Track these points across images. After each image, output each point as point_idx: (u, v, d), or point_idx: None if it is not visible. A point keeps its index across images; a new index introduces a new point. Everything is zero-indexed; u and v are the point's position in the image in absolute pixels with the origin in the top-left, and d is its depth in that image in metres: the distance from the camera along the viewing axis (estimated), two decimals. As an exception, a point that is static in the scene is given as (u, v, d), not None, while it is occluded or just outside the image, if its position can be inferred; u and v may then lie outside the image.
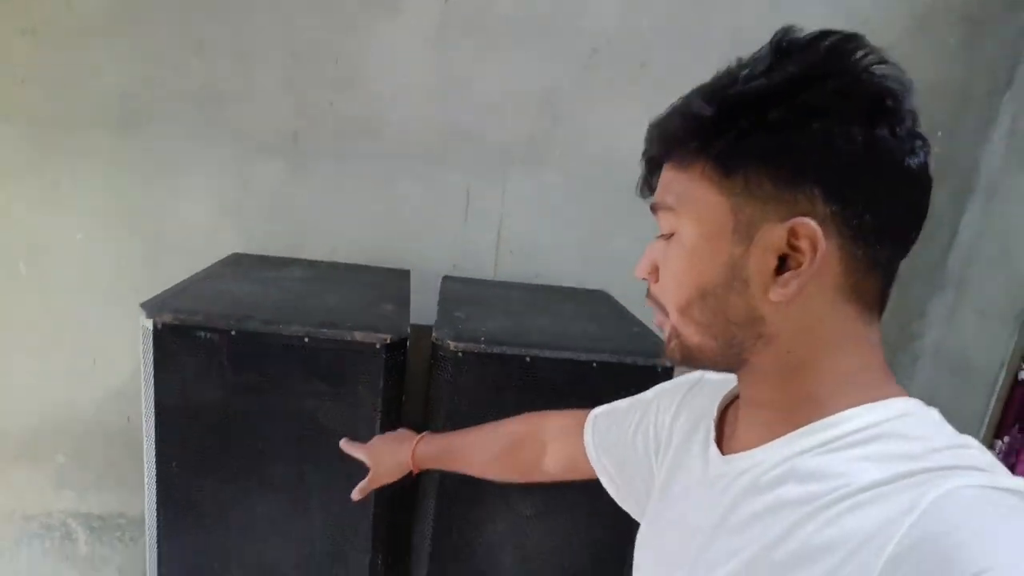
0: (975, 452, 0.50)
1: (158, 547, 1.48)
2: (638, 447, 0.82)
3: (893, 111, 0.52)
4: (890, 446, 0.51)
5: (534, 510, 1.56)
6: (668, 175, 0.60)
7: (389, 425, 1.46)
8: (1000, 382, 1.93)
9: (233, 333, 1.38)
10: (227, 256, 1.88)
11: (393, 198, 2.02)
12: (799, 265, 0.53)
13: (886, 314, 0.58)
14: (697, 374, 0.76)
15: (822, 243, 0.52)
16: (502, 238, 2.10)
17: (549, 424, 1.04)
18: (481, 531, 1.55)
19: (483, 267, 2.10)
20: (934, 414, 0.54)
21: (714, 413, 0.70)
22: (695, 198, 0.57)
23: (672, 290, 0.60)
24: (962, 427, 0.54)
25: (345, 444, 1.20)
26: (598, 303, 1.89)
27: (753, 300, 0.55)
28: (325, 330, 1.40)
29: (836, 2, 1.99)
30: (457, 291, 1.83)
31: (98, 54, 1.85)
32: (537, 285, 2.04)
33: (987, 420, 1.96)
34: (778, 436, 0.58)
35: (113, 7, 1.82)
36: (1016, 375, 1.86)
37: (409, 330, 1.47)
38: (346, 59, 1.90)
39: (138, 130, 1.90)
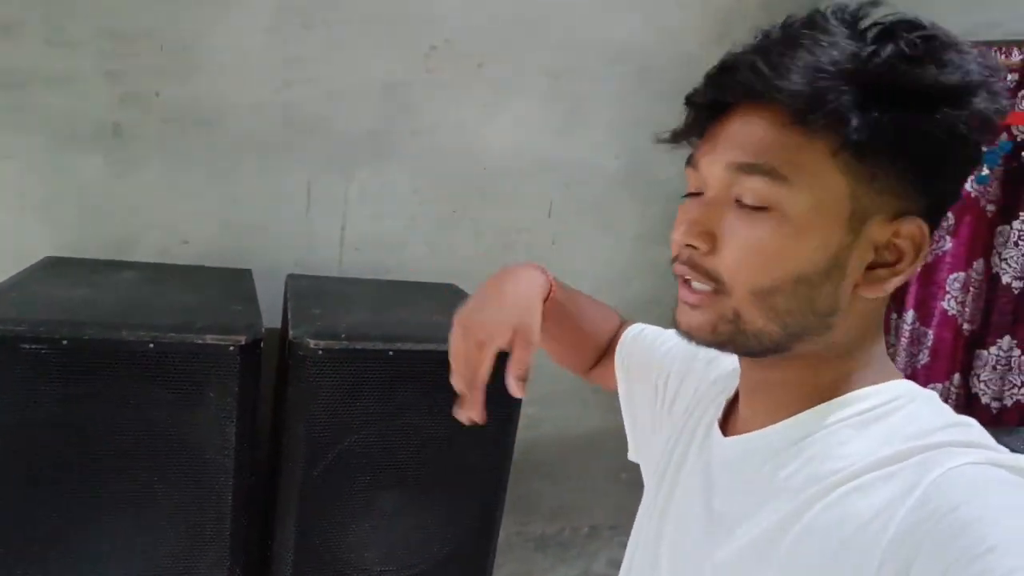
0: (975, 431, 0.50)
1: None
2: (652, 381, 0.81)
3: (994, 132, 0.52)
4: (893, 426, 0.51)
5: (396, 506, 1.57)
6: (772, 133, 0.51)
7: (244, 432, 1.40)
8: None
9: (65, 343, 1.26)
10: (40, 261, 1.69)
11: (229, 194, 1.92)
12: (893, 261, 0.52)
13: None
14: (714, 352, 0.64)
15: (927, 247, 0.51)
16: (347, 234, 2.07)
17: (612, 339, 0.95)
18: (345, 532, 1.53)
19: (328, 264, 2.06)
20: (933, 395, 0.54)
21: (729, 393, 0.67)
22: (817, 174, 0.50)
23: (753, 269, 0.53)
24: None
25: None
26: (449, 295, 1.93)
27: (841, 292, 0.52)
28: (173, 334, 1.32)
29: (665, 18, 2.17)
30: (305, 288, 1.79)
31: None
32: (386, 280, 2.03)
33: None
34: (783, 418, 0.57)
35: None
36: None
37: (264, 330, 1.42)
38: (173, 46, 1.78)
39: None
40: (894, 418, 0.52)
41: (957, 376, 2.07)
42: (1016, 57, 1.87)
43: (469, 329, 0.77)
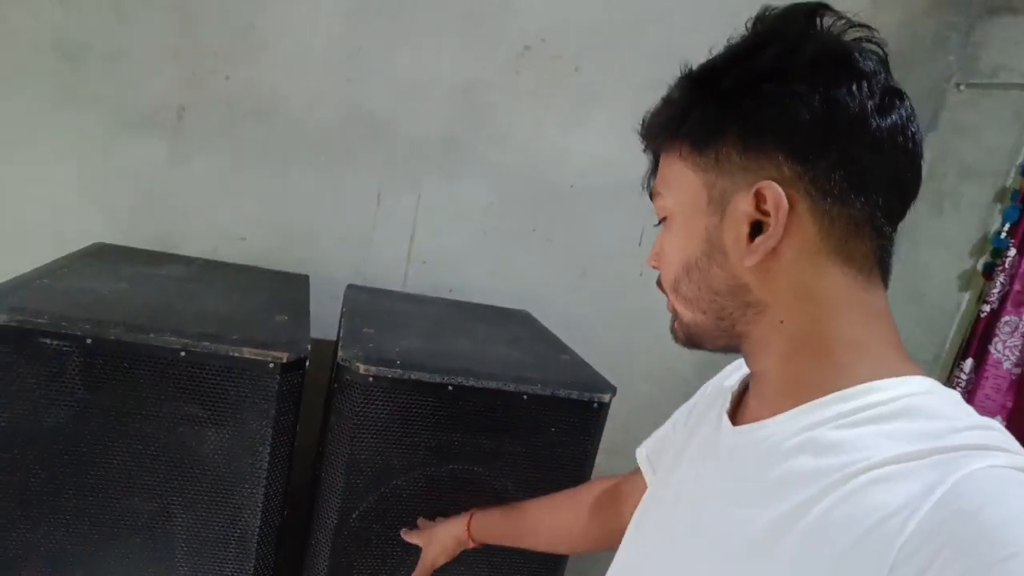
0: (998, 433, 0.49)
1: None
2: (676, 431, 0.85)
3: (849, 70, 0.53)
4: (913, 423, 0.50)
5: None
6: (661, 164, 0.64)
7: (279, 461, 1.23)
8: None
9: (89, 341, 1.11)
10: (88, 247, 1.57)
11: (293, 193, 1.77)
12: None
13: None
14: (735, 363, 0.77)
15: (784, 203, 0.54)
16: (415, 246, 1.89)
17: (609, 480, 1.05)
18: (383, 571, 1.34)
19: (391, 277, 1.88)
20: (955, 394, 0.54)
21: (735, 387, 0.70)
22: (675, 179, 0.61)
23: (665, 270, 0.64)
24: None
25: (404, 534, 1.25)
26: (521, 324, 1.73)
27: (733, 269, 0.58)
28: (207, 343, 1.16)
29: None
30: (364, 303, 1.61)
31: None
32: (452, 301, 1.85)
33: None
34: (790, 408, 0.57)
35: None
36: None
37: (310, 348, 1.25)
38: (243, 29, 1.64)
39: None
40: (913, 415, 0.51)
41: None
42: None
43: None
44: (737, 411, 0.67)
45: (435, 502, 1.32)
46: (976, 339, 1.92)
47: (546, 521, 1.08)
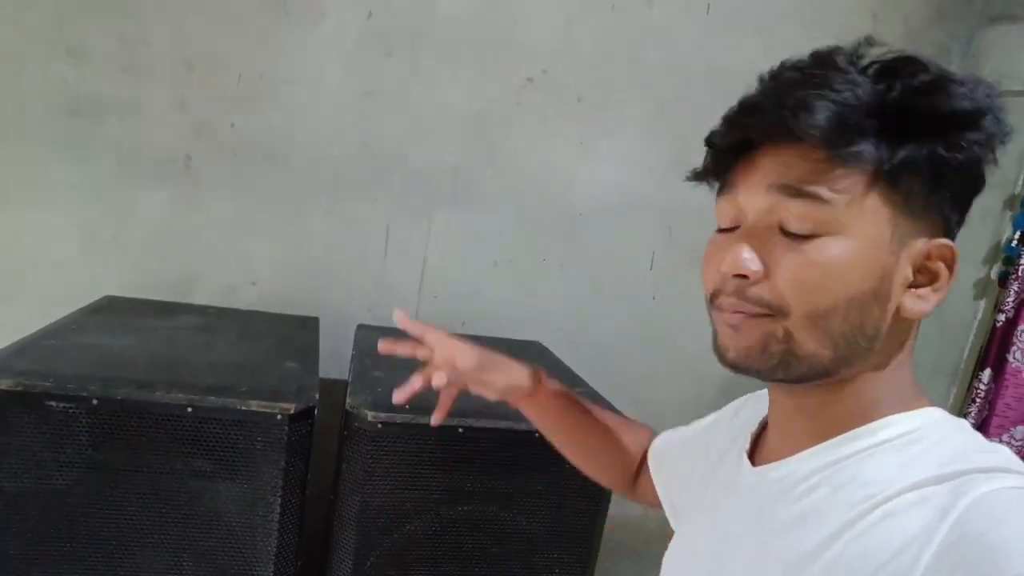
0: (1008, 457, 0.50)
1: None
2: (693, 460, 0.80)
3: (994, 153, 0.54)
4: (925, 452, 0.51)
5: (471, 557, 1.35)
6: (807, 163, 0.53)
7: (290, 511, 1.22)
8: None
9: (95, 402, 1.11)
10: (97, 300, 1.58)
11: (301, 234, 1.78)
12: (927, 282, 0.54)
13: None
14: (746, 396, 0.75)
15: (958, 264, 0.54)
16: (425, 280, 1.88)
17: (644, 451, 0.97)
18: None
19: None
20: (964, 423, 0.55)
21: (754, 426, 0.69)
22: (860, 200, 0.53)
23: (810, 293, 0.54)
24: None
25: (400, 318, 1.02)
26: (533, 358, 1.70)
27: (888, 315, 0.54)
28: (213, 397, 1.15)
29: (769, 38, 1.91)
30: (374, 343, 1.59)
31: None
32: (464, 335, 1.83)
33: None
34: (812, 444, 0.57)
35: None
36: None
37: (318, 396, 1.24)
38: (251, 74, 1.66)
39: (-9, 145, 1.59)
40: (927, 444, 0.52)
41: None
42: None
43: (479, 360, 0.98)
44: (756, 450, 0.67)
45: (450, 544, 1.29)
46: (994, 349, 1.88)
47: (583, 438, 1.01)
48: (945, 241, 0.54)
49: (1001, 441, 1.90)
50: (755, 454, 0.66)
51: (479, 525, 1.31)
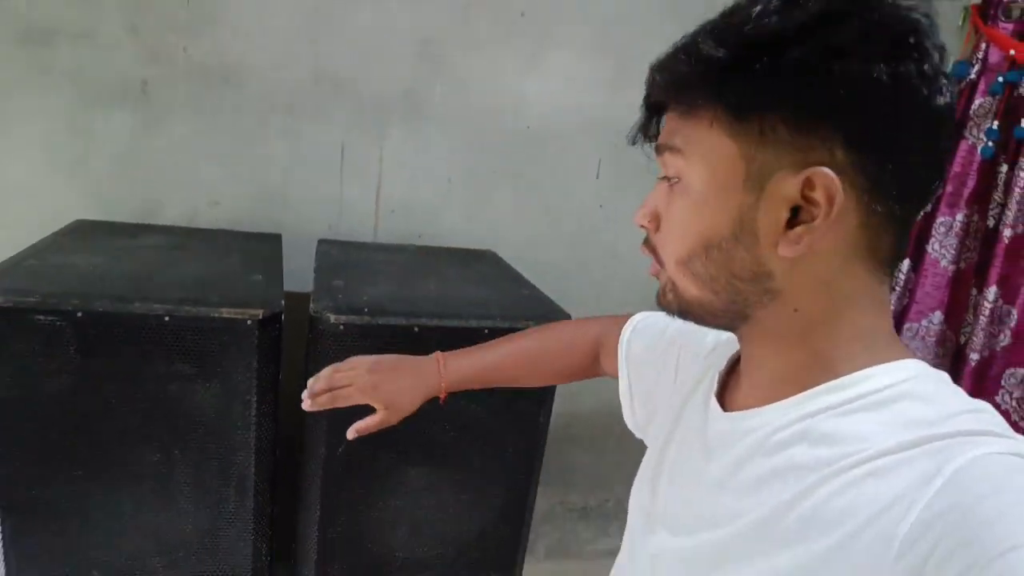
0: (991, 416, 0.48)
1: (4, 555, 1.32)
2: (662, 375, 0.79)
3: (919, 47, 0.48)
4: (908, 410, 0.49)
5: (424, 484, 1.51)
6: (674, 119, 0.56)
7: (265, 407, 1.35)
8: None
9: (79, 315, 1.22)
10: (69, 224, 1.66)
11: (260, 155, 1.86)
12: (812, 218, 0.50)
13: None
14: (726, 334, 0.69)
15: (840, 195, 0.48)
16: (382, 196, 1.98)
17: (597, 328, 0.99)
18: (371, 510, 1.48)
19: (362, 230, 1.98)
20: (944, 376, 0.53)
21: (721, 366, 0.67)
22: (704, 143, 0.53)
23: (673, 241, 0.56)
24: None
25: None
26: (486, 264, 1.83)
27: (761, 255, 0.52)
28: (188, 307, 1.27)
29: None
30: (334, 256, 1.72)
31: None
32: (420, 247, 1.95)
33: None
34: (785, 396, 0.55)
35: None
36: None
37: (283, 302, 1.36)
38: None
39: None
40: (907, 401, 0.50)
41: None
42: None
43: (373, 373, 0.96)
44: (725, 392, 0.65)
45: (417, 430, 1.43)
46: (912, 240, 2.03)
47: (524, 378, 1.04)
48: (819, 168, 0.48)
49: (919, 326, 2.08)
50: (724, 396, 0.64)
51: (439, 412, 1.45)
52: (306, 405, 0.94)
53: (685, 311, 0.59)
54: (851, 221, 0.50)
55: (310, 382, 0.95)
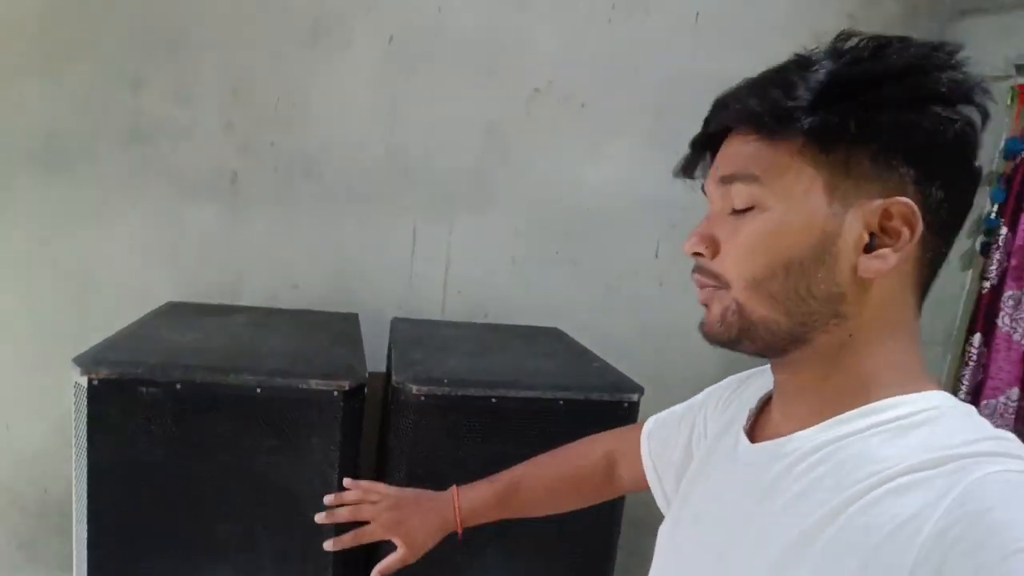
0: (1012, 443, 0.50)
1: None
2: (692, 439, 0.80)
3: (982, 105, 0.54)
4: (932, 435, 0.51)
5: (496, 565, 1.50)
6: (747, 147, 0.58)
7: (347, 476, 1.37)
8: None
9: (178, 386, 1.29)
10: (161, 306, 1.76)
11: (336, 240, 1.96)
12: (887, 246, 0.53)
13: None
14: (745, 373, 0.73)
15: (920, 222, 0.52)
16: (449, 277, 2.06)
17: (607, 441, 0.99)
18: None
19: (431, 308, 2.05)
20: (972, 409, 0.54)
21: (753, 403, 0.69)
22: (790, 172, 0.55)
23: (744, 262, 0.57)
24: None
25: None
26: (553, 340, 1.87)
27: (839, 276, 0.55)
28: (279, 379, 1.32)
29: (757, 49, 2.07)
30: (408, 333, 1.78)
31: (24, 92, 1.73)
32: (488, 324, 2.00)
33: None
34: (820, 421, 0.57)
35: (44, 45, 1.72)
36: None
37: (368, 375, 1.41)
38: (288, 97, 1.85)
39: (64, 172, 1.78)
40: (932, 427, 0.52)
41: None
42: None
43: (393, 510, 0.95)
44: (755, 427, 0.67)
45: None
46: (981, 314, 2.02)
47: (542, 502, 1.01)
48: (901, 199, 0.52)
49: (997, 403, 2.04)
50: (755, 431, 0.66)
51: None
52: (328, 545, 0.95)
53: (743, 335, 0.58)
54: (914, 253, 0.54)
55: (328, 499, 0.96)
